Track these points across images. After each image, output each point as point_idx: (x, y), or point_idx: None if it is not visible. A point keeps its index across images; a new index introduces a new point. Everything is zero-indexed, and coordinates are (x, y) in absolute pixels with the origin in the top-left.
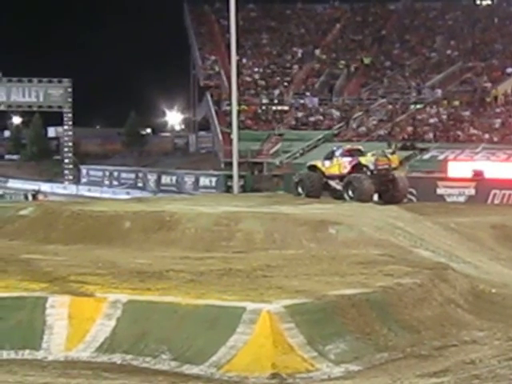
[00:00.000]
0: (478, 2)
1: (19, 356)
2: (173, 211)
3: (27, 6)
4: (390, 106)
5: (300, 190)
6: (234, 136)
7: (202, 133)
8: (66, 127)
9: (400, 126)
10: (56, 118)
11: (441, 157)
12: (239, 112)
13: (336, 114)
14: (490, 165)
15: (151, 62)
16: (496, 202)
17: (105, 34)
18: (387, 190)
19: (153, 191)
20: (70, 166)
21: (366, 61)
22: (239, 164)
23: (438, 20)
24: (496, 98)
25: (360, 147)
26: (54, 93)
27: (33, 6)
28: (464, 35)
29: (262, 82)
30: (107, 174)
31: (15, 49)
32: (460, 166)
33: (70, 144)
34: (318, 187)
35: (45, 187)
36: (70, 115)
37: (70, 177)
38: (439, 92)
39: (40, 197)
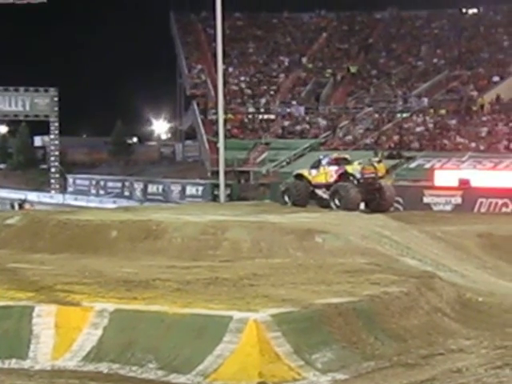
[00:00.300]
0: (464, 11)
1: (6, 365)
2: (159, 220)
3: (13, 16)
4: (377, 115)
5: (286, 198)
6: (221, 145)
7: (189, 142)
8: (52, 136)
9: (386, 134)
10: (42, 127)
11: (427, 165)
12: (225, 121)
13: (322, 122)
14: (476, 173)
15: (138, 70)
16: (482, 210)
17: (91, 43)
18: (374, 199)
19: (139, 200)
20: (57, 175)
21: (353, 69)
22: (226, 173)
23: (424, 29)
24: (482, 106)
25: (346, 156)
26: (41, 102)
27: (19, 15)
28: (450, 44)
29: (249, 91)
30: (94, 182)
31: (1, 58)
32: (446, 175)
33: (57, 153)
34: (304, 196)
35: (31, 196)
36: (56, 124)
37: (57, 186)
38: (425, 101)
39: (26, 206)
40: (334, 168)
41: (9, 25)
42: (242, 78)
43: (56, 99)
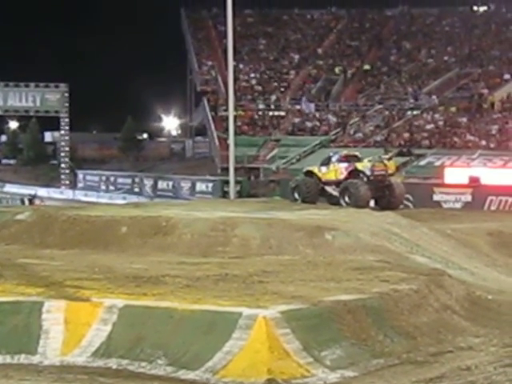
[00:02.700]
0: (475, 9)
1: (15, 360)
2: (169, 216)
3: (25, 11)
4: (387, 112)
5: (296, 195)
6: (231, 141)
7: (199, 138)
8: (62, 132)
9: (397, 131)
10: (53, 123)
11: (437, 163)
12: (236, 117)
13: (333, 119)
14: (486, 171)
15: (148, 67)
16: (492, 208)
17: (102, 39)
18: (384, 196)
19: (149, 196)
20: (67, 171)
21: (366, 67)
22: (236, 169)
23: (435, 26)
24: (493, 104)
25: (356, 153)
26: (51, 98)
27: (31, 10)
28: (461, 41)
29: (259, 88)
30: (104, 178)
31: (13, 53)
32: (456, 173)
33: (67, 149)
34: (314, 193)
35: (41, 192)
36: (66, 120)
37: (67, 181)
38: (436, 98)
39: (36, 201)
40: (343, 165)
41: (20, 21)
42: (253, 75)
43: (66, 95)
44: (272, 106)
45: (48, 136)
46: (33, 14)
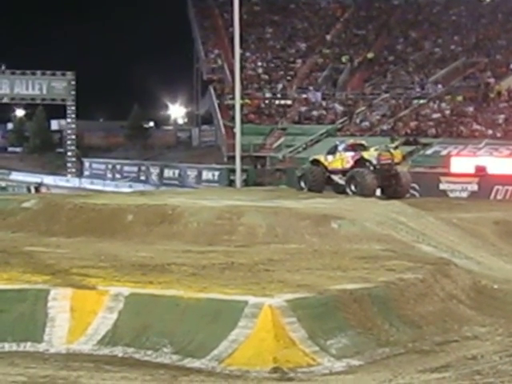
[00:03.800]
0: None
1: (21, 348)
2: (175, 205)
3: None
4: (393, 101)
5: (303, 184)
6: (237, 130)
7: (205, 126)
8: (69, 120)
9: (403, 120)
10: (59, 111)
11: (444, 152)
12: (242, 106)
13: (339, 108)
14: (492, 160)
15: (154, 55)
16: (499, 197)
17: (108, 26)
18: (390, 185)
19: (155, 184)
20: (73, 159)
21: (370, 56)
22: (242, 158)
23: (442, 15)
24: (499, 93)
25: (363, 142)
26: (58, 85)
27: None
28: (467, 30)
29: (266, 76)
30: (110, 167)
31: (19, 41)
32: (463, 162)
33: (73, 137)
34: (320, 181)
35: (47, 180)
36: (73, 108)
37: (73, 170)
38: (442, 87)
39: (43, 189)
40: (350, 154)
41: (26, 10)
42: (259, 63)
43: (73, 83)
44: (278, 95)
45: (54, 124)
46: (38, 2)
